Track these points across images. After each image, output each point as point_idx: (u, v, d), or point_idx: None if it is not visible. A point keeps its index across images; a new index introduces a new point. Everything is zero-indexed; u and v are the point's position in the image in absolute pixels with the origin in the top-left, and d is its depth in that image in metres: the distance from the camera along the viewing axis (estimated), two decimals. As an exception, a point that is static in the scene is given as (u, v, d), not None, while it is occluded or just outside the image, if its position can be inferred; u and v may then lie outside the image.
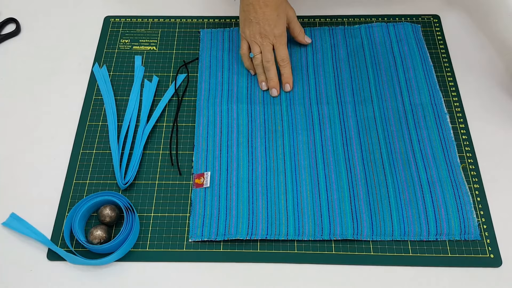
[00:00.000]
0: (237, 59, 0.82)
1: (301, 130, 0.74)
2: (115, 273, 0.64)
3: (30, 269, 0.64)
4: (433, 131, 0.73)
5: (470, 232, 0.65)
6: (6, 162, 0.73)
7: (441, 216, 0.66)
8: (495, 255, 0.64)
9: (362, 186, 0.69)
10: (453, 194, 0.67)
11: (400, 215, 0.66)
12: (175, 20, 0.88)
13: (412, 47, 0.82)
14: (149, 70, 0.82)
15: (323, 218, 0.66)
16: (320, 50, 0.83)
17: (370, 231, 0.65)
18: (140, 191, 0.70)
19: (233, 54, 0.83)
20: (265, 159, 0.72)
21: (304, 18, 0.88)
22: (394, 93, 0.77)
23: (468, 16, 0.88)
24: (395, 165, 0.70)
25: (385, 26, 0.85)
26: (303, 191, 0.69)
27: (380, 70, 0.80)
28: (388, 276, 0.63)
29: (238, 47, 0.83)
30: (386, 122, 0.74)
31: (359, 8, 0.89)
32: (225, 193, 0.69)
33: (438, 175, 0.69)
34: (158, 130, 0.76)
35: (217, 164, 0.71)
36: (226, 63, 0.82)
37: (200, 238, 0.66)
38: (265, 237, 0.65)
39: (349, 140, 0.73)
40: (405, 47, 0.82)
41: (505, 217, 0.67)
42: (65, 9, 0.91)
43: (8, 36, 0.86)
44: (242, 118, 0.75)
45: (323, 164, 0.71)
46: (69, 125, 0.76)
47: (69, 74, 0.82)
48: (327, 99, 0.77)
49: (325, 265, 0.64)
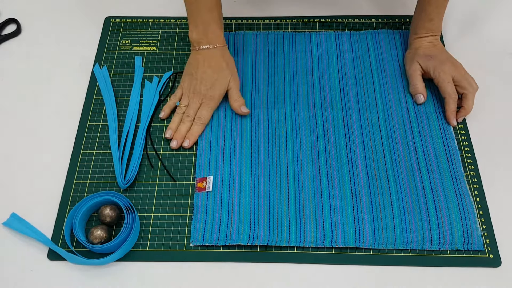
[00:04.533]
0: (241, 63, 0.82)
1: (304, 135, 0.74)
2: (115, 273, 0.64)
3: (30, 268, 0.64)
4: (437, 138, 0.73)
5: (473, 242, 0.65)
6: (7, 162, 0.73)
7: (445, 226, 0.65)
8: (495, 255, 0.64)
9: (365, 194, 0.68)
10: (456, 203, 0.67)
11: (403, 223, 0.66)
12: (175, 20, 0.88)
13: None
14: (149, 70, 0.82)
15: (325, 225, 0.66)
16: (325, 55, 0.83)
17: (372, 239, 0.65)
18: (141, 191, 0.70)
19: (237, 58, 0.83)
20: (268, 164, 0.71)
21: (305, 19, 0.88)
22: (399, 100, 0.77)
23: (468, 16, 0.88)
24: (398, 172, 0.70)
25: (391, 32, 0.85)
26: (305, 197, 0.68)
27: (385, 76, 0.80)
28: (388, 276, 0.63)
29: (243, 51, 0.83)
30: (391, 129, 0.74)
31: (359, 8, 0.89)
32: (227, 198, 0.69)
33: (442, 184, 0.69)
34: (159, 130, 0.76)
35: (219, 169, 0.71)
36: None
37: (201, 242, 0.66)
38: (267, 243, 0.65)
39: (353, 147, 0.73)
40: None
41: (504, 217, 0.67)
42: (66, 10, 0.91)
43: (8, 36, 0.87)
44: (246, 122, 0.75)
45: (326, 171, 0.71)
46: (69, 125, 0.77)
47: (69, 75, 0.82)
48: (332, 105, 0.77)
49: (325, 265, 0.64)
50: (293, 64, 0.82)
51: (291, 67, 0.81)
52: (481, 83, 0.76)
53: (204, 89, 0.74)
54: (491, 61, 0.82)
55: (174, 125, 0.75)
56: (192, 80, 0.75)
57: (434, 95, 0.77)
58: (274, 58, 0.82)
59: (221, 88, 0.75)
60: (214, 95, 0.74)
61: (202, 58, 0.75)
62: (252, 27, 0.87)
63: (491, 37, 0.85)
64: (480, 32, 0.86)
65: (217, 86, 0.74)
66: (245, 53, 0.83)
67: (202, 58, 0.75)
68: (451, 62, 0.77)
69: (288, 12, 0.89)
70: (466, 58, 0.80)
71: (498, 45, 0.84)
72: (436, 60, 0.76)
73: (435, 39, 0.79)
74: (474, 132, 0.75)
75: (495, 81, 0.80)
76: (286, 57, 0.83)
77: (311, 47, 0.84)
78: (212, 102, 0.75)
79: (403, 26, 0.87)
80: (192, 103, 0.75)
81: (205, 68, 0.74)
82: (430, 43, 0.79)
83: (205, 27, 0.74)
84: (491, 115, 0.77)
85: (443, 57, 0.77)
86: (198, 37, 0.74)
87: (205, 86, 0.74)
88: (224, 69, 0.75)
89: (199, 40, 0.75)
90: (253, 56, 0.83)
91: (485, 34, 0.86)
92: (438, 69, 0.76)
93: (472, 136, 0.74)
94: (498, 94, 0.79)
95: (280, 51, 0.83)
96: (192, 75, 0.75)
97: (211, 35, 0.74)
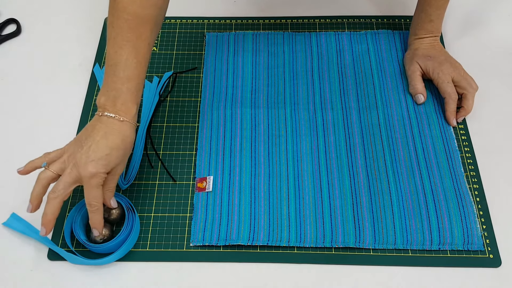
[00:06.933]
0: (242, 63, 0.82)
1: (304, 135, 0.74)
2: (115, 273, 0.64)
3: (30, 269, 0.64)
4: (437, 139, 0.73)
5: (473, 242, 0.65)
6: (6, 162, 0.73)
7: (445, 226, 0.65)
8: (495, 255, 0.64)
9: (365, 194, 0.68)
10: (456, 203, 0.67)
11: (403, 223, 0.66)
12: (175, 20, 0.88)
13: None
14: (149, 70, 0.82)
15: (325, 225, 0.66)
16: (325, 55, 0.83)
17: (372, 239, 0.65)
18: (141, 191, 0.70)
19: (238, 58, 0.83)
20: (268, 164, 0.71)
21: (305, 19, 0.88)
22: (399, 100, 0.77)
23: (468, 16, 0.88)
24: (398, 172, 0.70)
25: (391, 33, 0.85)
26: (305, 197, 0.68)
27: (386, 77, 0.80)
28: (388, 276, 0.63)
29: (243, 51, 0.83)
30: (391, 129, 0.74)
31: (359, 8, 0.89)
32: (227, 198, 0.69)
33: (442, 184, 0.69)
34: (159, 130, 0.76)
35: (219, 169, 0.71)
36: (231, 67, 0.82)
37: (201, 242, 0.66)
38: (267, 243, 0.65)
39: (353, 147, 0.73)
40: None
41: (504, 217, 0.67)
42: (66, 10, 0.91)
43: (8, 36, 0.87)
44: (246, 122, 0.75)
45: (326, 171, 0.71)
46: (69, 125, 0.77)
47: (69, 75, 0.82)
48: (332, 105, 0.77)
49: (325, 265, 0.64)
50: (293, 64, 0.82)
51: (291, 67, 0.81)
52: (481, 83, 0.76)
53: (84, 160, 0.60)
54: (491, 61, 0.82)
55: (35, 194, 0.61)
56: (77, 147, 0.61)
57: (434, 95, 0.77)
58: (274, 58, 0.82)
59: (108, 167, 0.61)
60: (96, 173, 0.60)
61: (101, 127, 0.61)
62: (252, 27, 0.87)
63: (491, 37, 0.85)
64: (480, 32, 0.86)
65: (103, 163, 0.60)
66: (245, 53, 0.83)
67: (101, 126, 0.61)
68: (450, 62, 0.77)
69: (288, 12, 0.89)
70: (466, 58, 0.80)
71: (498, 45, 0.84)
72: (435, 61, 0.77)
73: (434, 40, 0.79)
74: (474, 132, 0.75)
75: (495, 81, 0.80)
76: (286, 57, 0.83)
77: (311, 47, 0.84)
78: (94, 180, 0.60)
79: (403, 27, 0.87)
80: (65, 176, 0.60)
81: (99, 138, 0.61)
82: (430, 44, 0.79)
83: (116, 96, 0.62)
84: (491, 115, 0.77)
85: (442, 58, 0.77)
86: (105, 103, 0.62)
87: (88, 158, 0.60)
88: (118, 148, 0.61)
89: (104, 106, 0.62)
90: (253, 56, 0.83)
91: (485, 34, 0.86)
92: (437, 69, 0.76)
93: (472, 136, 0.74)
94: (498, 94, 0.79)
95: (280, 51, 0.83)
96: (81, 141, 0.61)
97: (121, 106, 0.62)
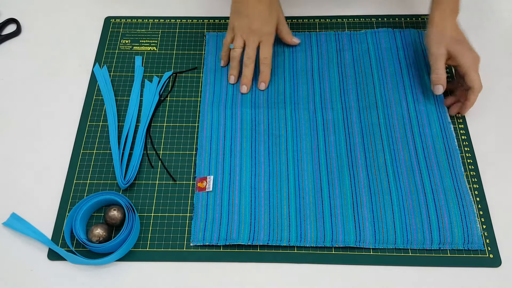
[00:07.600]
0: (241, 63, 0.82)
1: (305, 135, 0.74)
2: (115, 273, 0.64)
3: (30, 268, 0.64)
4: (437, 138, 0.73)
5: (473, 242, 0.65)
6: (7, 162, 0.73)
7: (445, 225, 0.66)
8: (495, 255, 0.64)
9: (365, 193, 0.68)
10: (457, 203, 0.67)
11: (403, 223, 0.66)
12: (176, 20, 0.88)
13: (418, 54, 0.82)
14: (149, 70, 0.82)
15: (326, 225, 0.66)
16: (325, 55, 0.83)
17: (372, 239, 0.65)
18: (141, 191, 0.70)
19: None
20: (268, 164, 0.71)
21: (305, 19, 0.88)
22: (399, 100, 0.77)
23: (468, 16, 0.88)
24: (399, 172, 0.70)
25: (391, 31, 0.85)
26: (305, 197, 0.68)
27: (386, 76, 0.80)
28: (388, 276, 0.63)
29: None
30: (391, 129, 0.74)
31: (359, 8, 0.89)
32: (228, 197, 0.69)
33: (442, 184, 0.69)
34: (159, 130, 0.76)
35: (219, 168, 0.71)
36: None
37: (201, 242, 0.66)
38: (267, 243, 0.65)
39: (353, 146, 0.73)
40: (411, 54, 0.82)
41: (504, 217, 0.67)
42: (66, 10, 0.91)
43: (8, 36, 0.87)
44: (246, 122, 0.75)
45: (326, 170, 0.71)
46: (69, 125, 0.77)
47: (69, 75, 0.82)
48: (332, 104, 0.77)
49: (325, 265, 0.64)
50: (293, 64, 0.82)
51: (291, 67, 0.81)
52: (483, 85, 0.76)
53: (259, 26, 0.70)
54: (492, 61, 0.82)
55: (235, 70, 0.72)
56: (242, 20, 0.71)
57: (434, 94, 0.77)
58: (274, 58, 0.82)
59: (275, 22, 0.72)
60: (272, 31, 0.71)
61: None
62: (252, 27, 0.87)
63: (491, 37, 0.85)
64: (480, 32, 0.86)
65: (272, 21, 0.70)
66: None
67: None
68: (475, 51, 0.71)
69: (288, 12, 0.89)
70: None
71: (498, 45, 0.84)
72: (465, 46, 0.71)
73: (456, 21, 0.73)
74: (474, 132, 0.75)
75: (495, 81, 0.80)
76: (286, 57, 0.83)
77: (311, 47, 0.84)
78: (271, 38, 0.71)
79: (403, 25, 0.87)
80: (250, 45, 0.71)
81: (256, 4, 0.69)
82: (455, 26, 0.72)
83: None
84: (491, 115, 0.77)
85: (469, 44, 0.71)
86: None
87: (260, 23, 0.69)
88: (273, 2, 0.70)
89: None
90: None
91: (485, 34, 0.86)
92: (469, 55, 0.69)
93: (472, 136, 0.74)
94: (498, 94, 0.79)
95: (280, 51, 0.83)
96: (242, 14, 0.70)
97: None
